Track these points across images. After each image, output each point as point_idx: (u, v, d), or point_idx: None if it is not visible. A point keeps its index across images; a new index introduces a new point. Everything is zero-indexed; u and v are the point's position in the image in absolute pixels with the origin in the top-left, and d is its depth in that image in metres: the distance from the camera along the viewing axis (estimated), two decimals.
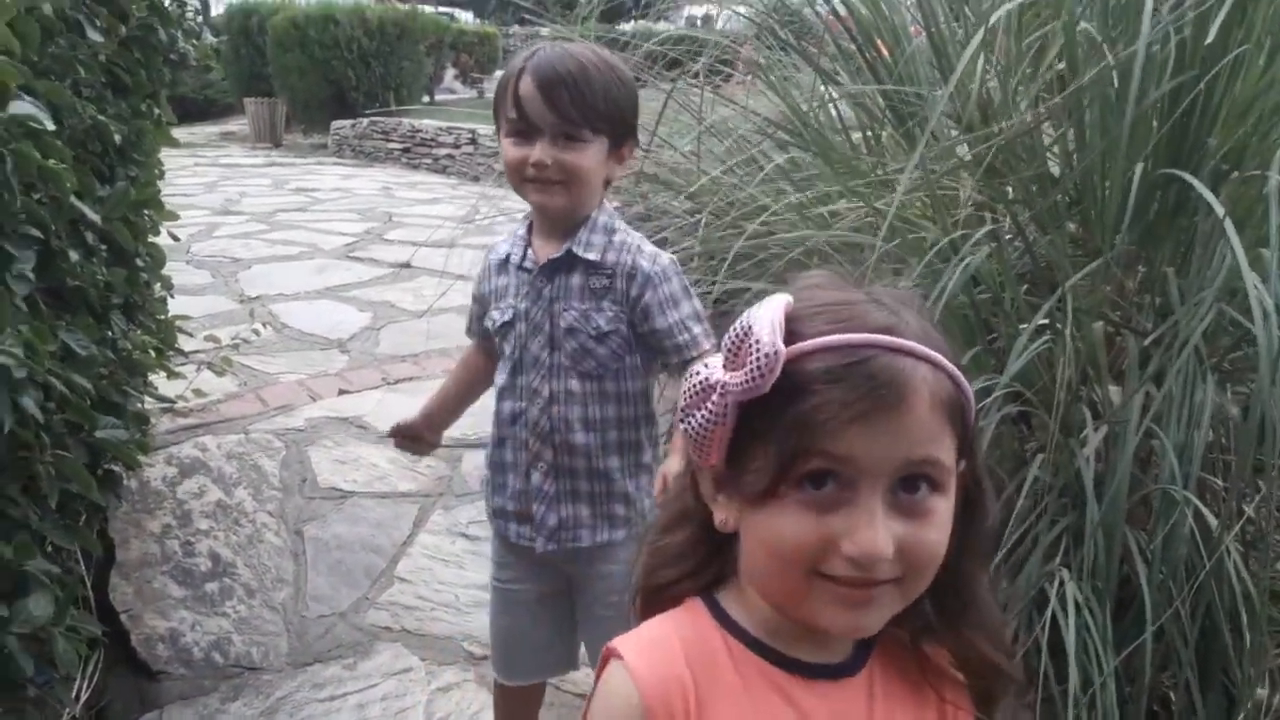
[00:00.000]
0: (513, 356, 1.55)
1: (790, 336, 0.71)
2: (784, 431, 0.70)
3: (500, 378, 1.58)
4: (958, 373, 0.74)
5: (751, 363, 0.70)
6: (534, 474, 1.54)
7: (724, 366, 0.73)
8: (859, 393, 0.69)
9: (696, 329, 1.51)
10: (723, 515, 0.78)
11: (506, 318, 1.55)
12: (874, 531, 0.69)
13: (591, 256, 1.49)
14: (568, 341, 1.50)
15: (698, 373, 0.74)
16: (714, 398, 0.73)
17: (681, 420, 0.76)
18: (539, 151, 1.43)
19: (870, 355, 0.70)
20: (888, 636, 0.81)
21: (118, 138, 2.09)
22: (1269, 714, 1.63)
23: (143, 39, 2.25)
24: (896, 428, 0.69)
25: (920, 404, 0.70)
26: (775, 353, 0.69)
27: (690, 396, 0.75)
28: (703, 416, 0.73)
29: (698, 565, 0.83)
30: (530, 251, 1.54)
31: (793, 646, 0.79)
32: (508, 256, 1.57)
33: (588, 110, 1.42)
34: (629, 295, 1.50)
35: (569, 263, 1.50)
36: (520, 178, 1.47)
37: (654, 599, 0.84)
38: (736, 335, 0.72)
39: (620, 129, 1.49)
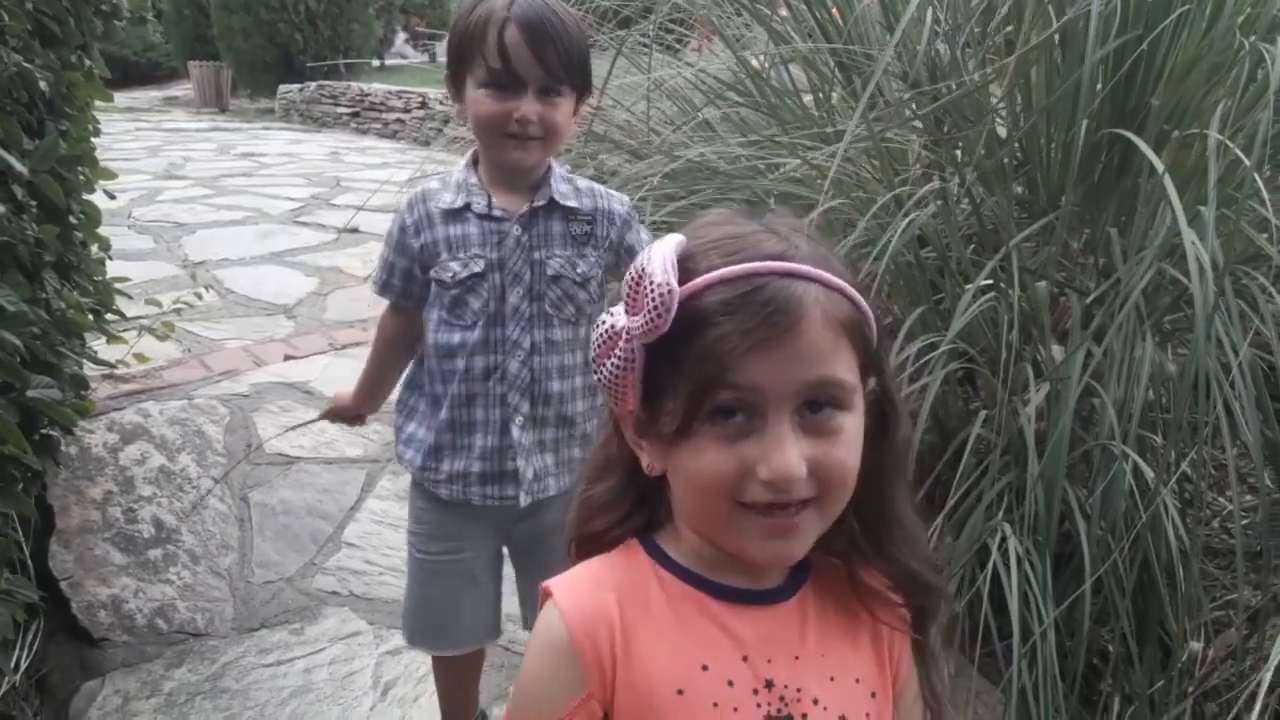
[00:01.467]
0: (485, 310, 1.47)
1: (686, 274, 0.72)
2: (689, 368, 0.72)
3: (459, 334, 1.49)
4: (853, 291, 0.75)
5: (648, 304, 0.71)
6: (513, 428, 1.50)
7: (626, 312, 0.74)
8: (754, 320, 0.70)
9: None
10: (648, 459, 0.79)
11: (476, 269, 1.46)
12: (785, 452, 0.70)
13: (570, 203, 1.49)
14: (552, 289, 1.48)
15: (603, 321, 0.75)
16: (620, 344, 0.74)
17: (595, 371, 0.77)
18: (526, 107, 1.38)
19: (762, 283, 0.72)
20: (823, 563, 0.83)
21: (44, 86, 2.01)
22: (1203, 665, 1.68)
23: None
24: (794, 351, 0.71)
25: (813, 325, 0.71)
26: (669, 291, 0.71)
27: (599, 346, 0.76)
28: (612, 364, 0.75)
29: (628, 510, 0.84)
30: (493, 200, 1.47)
31: (725, 575, 0.79)
32: (467, 205, 1.47)
33: (569, 64, 1.40)
34: (608, 239, 1.52)
35: (548, 210, 1.48)
36: (501, 133, 1.41)
37: (588, 547, 0.85)
38: (633, 278, 0.73)
39: (585, 83, 1.47)
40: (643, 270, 0.72)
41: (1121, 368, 1.63)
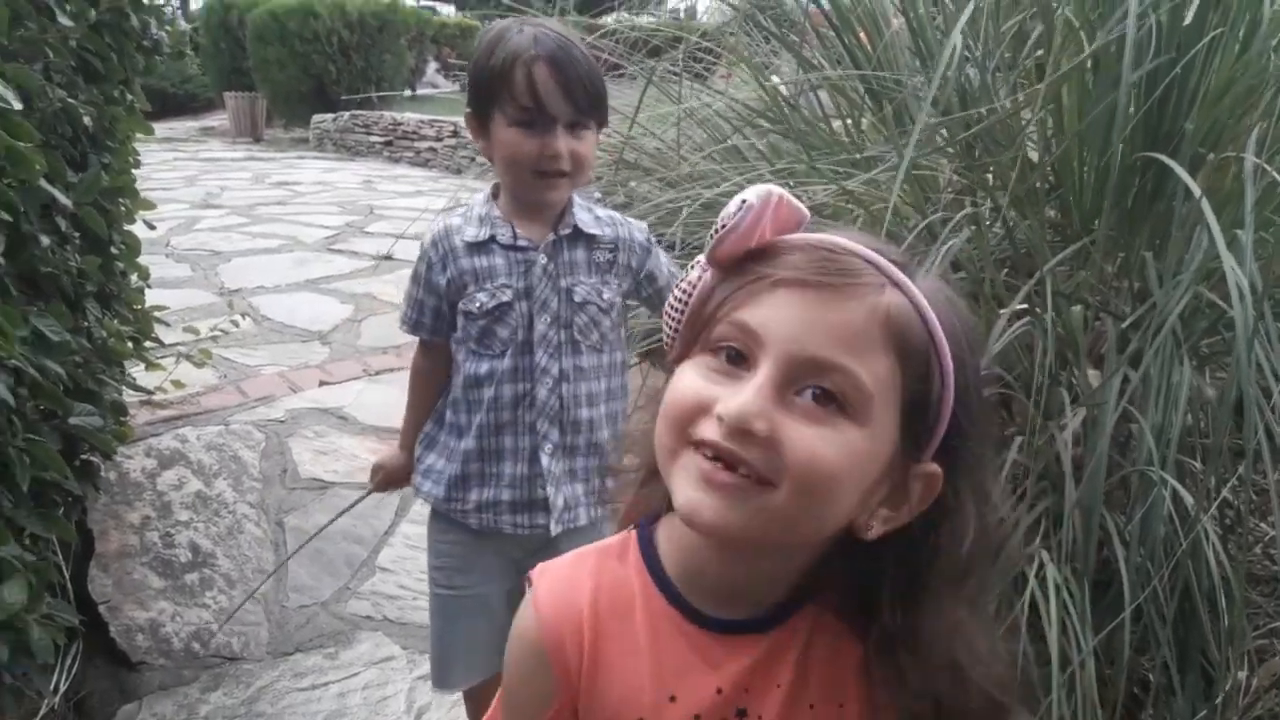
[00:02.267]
0: (513, 339, 1.49)
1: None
2: (725, 290, 0.70)
3: (487, 364, 1.50)
4: (938, 328, 0.67)
5: (727, 214, 0.70)
6: (542, 456, 1.52)
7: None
8: (804, 264, 0.67)
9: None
10: None
11: (504, 299, 1.48)
12: (748, 395, 0.65)
13: (594, 231, 1.51)
14: (579, 316, 1.50)
15: (697, 258, 0.75)
16: (696, 269, 0.73)
17: (668, 304, 0.76)
18: (560, 144, 1.41)
19: (845, 252, 0.68)
20: (830, 617, 0.76)
21: (88, 121, 2.06)
22: (1247, 695, 1.64)
23: (114, 24, 2.22)
24: (821, 315, 0.66)
25: (860, 306, 0.66)
26: (744, 202, 0.69)
27: (683, 276, 0.75)
28: (684, 286, 0.74)
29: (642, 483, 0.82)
30: (518, 231, 1.50)
31: (709, 601, 0.76)
32: (492, 238, 1.49)
33: (595, 99, 1.43)
34: (631, 266, 1.55)
35: (573, 239, 1.51)
36: (534, 170, 1.43)
37: (619, 484, 0.86)
38: (722, 214, 0.71)
39: (604, 115, 1.50)
40: (743, 198, 0.69)
41: (1159, 392, 1.62)
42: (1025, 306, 1.76)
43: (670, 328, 0.75)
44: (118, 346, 2.43)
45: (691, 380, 0.69)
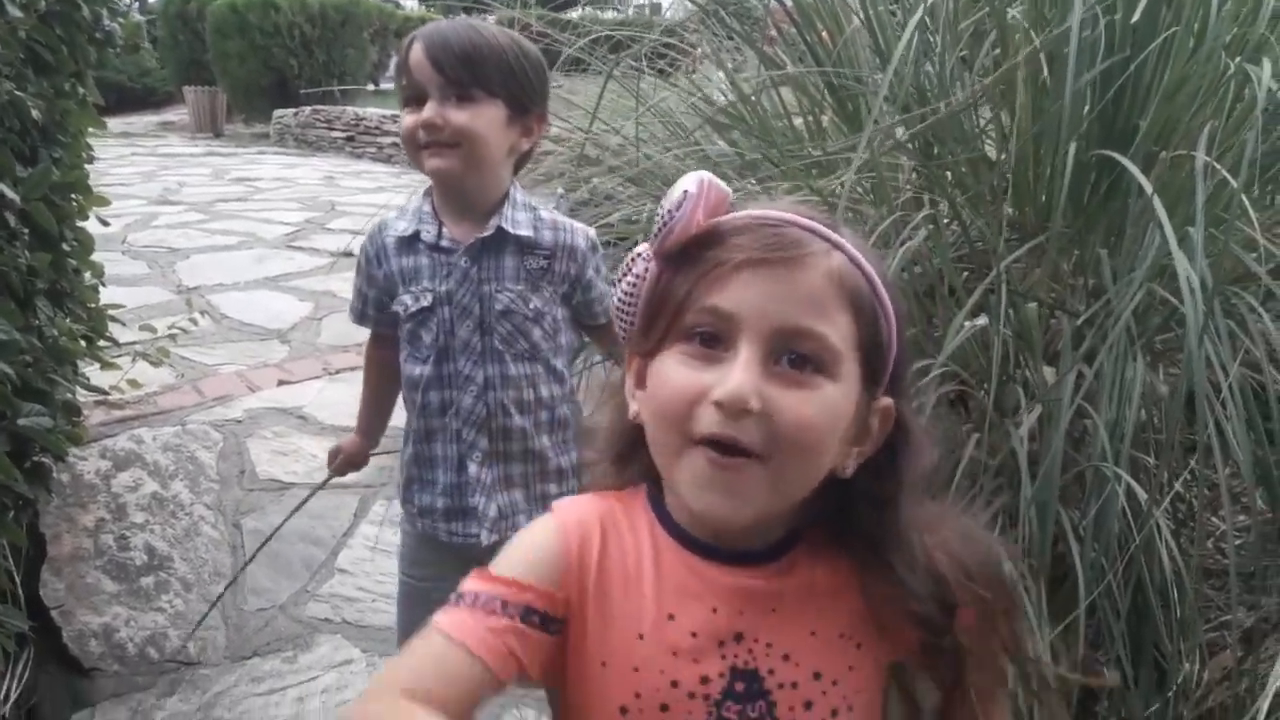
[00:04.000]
0: (435, 344, 1.46)
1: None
2: (684, 279, 0.74)
3: (419, 368, 1.48)
4: (875, 275, 0.75)
5: (666, 206, 0.74)
6: (469, 465, 1.48)
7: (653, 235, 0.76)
8: (756, 244, 0.72)
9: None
10: (634, 407, 0.80)
11: (425, 303, 1.45)
12: (740, 375, 0.70)
13: (524, 233, 1.45)
14: (501, 325, 1.45)
15: (632, 252, 0.78)
16: (640, 261, 0.77)
17: (615, 298, 0.79)
18: (428, 111, 1.37)
19: (784, 224, 0.74)
20: (825, 550, 0.80)
21: (36, 114, 2.02)
22: (1199, 688, 1.67)
23: (65, 14, 2.17)
24: (784, 289, 0.71)
25: (814, 273, 0.72)
26: (685, 192, 0.73)
27: (623, 270, 0.78)
28: (628, 281, 0.77)
29: (620, 450, 0.85)
30: (445, 230, 1.45)
31: (710, 534, 0.79)
32: (416, 234, 1.46)
33: (476, 69, 1.37)
34: (569, 274, 1.49)
35: (499, 242, 1.45)
36: (415, 145, 1.40)
37: (592, 476, 0.90)
38: (663, 206, 0.75)
39: (520, 95, 1.43)
40: (674, 187, 0.74)
41: (1113, 388, 1.63)
42: (981, 304, 1.77)
43: (625, 323, 0.79)
44: (70, 345, 2.38)
45: (676, 372, 0.73)
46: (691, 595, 0.77)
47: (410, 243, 1.47)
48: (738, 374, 0.69)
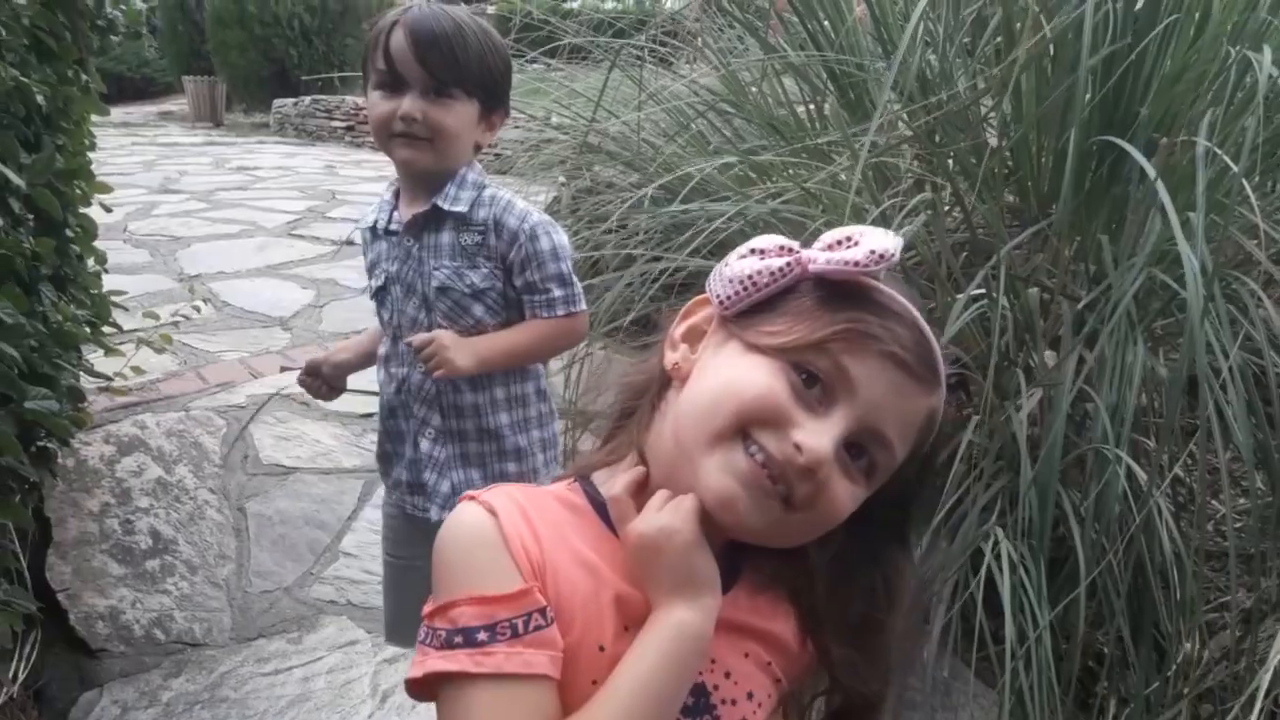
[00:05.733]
0: (391, 322, 1.53)
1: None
2: (827, 314, 0.73)
3: (382, 346, 1.56)
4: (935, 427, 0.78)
5: (861, 252, 0.73)
6: (423, 440, 1.51)
7: (819, 246, 0.76)
8: (909, 345, 0.73)
9: (557, 292, 1.47)
10: (676, 358, 0.80)
11: (380, 283, 1.53)
12: (828, 442, 0.71)
13: (458, 209, 1.45)
14: (440, 301, 1.47)
15: (776, 240, 0.77)
16: (786, 259, 0.75)
17: (733, 267, 0.77)
18: (408, 104, 1.39)
19: (929, 340, 0.76)
20: (760, 577, 0.82)
21: (41, 100, 2.02)
22: (1198, 667, 1.68)
23: (67, 2, 2.18)
24: (904, 401, 0.74)
25: (924, 403, 0.75)
26: (885, 254, 0.73)
27: (747, 255, 0.77)
28: (760, 265, 0.75)
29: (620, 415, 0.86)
30: (396, 214, 1.52)
31: None
32: (375, 223, 1.55)
33: (460, 69, 1.40)
34: (503, 252, 1.47)
35: (436, 219, 1.47)
36: (387, 132, 1.42)
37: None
38: (845, 234, 0.75)
39: (492, 94, 1.46)
40: (863, 233, 0.75)
41: (1114, 372, 1.65)
42: (982, 290, 1.78)
43: (737, 295, 0.77)
44: (74, 331, 2.39)
45: (765, 380, 0.73)
46: (634, 602, 0.76)
47: (374, 230, 1.56)
48: (827, 440, 0.71)
